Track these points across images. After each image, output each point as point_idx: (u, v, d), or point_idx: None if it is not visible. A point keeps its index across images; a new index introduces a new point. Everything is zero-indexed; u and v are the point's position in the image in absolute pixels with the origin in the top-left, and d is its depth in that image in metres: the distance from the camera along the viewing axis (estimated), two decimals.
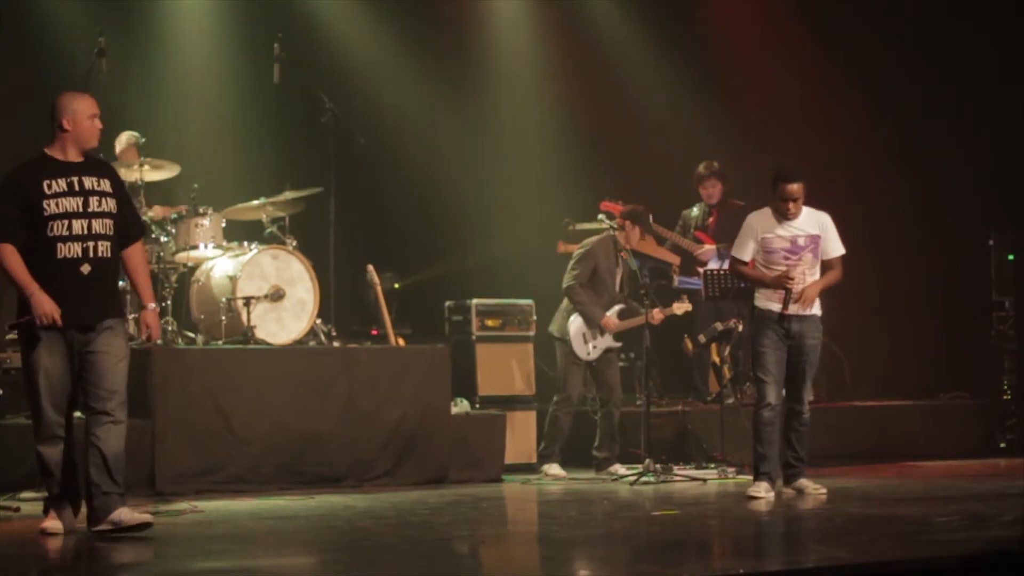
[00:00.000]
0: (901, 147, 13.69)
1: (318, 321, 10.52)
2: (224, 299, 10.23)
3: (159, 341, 9.47)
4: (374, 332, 11.54)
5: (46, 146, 7.44)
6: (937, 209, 13.58)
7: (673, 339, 11.86)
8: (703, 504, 9.05)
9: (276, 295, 10.24)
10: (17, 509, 8.35)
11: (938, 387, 13.21)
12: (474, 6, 13.52)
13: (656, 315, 10.68)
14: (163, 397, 9.44)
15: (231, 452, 9.61)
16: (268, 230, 10.84)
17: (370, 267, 11.08)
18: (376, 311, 11.12)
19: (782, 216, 9.08)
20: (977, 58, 13.31)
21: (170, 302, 10.49)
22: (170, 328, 10.28)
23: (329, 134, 10.99)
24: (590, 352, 10.83)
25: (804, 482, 9.16)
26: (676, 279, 11.97)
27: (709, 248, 11.91)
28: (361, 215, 12.22)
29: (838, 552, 6.74)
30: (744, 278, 9.44)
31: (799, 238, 9.08)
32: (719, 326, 10.98)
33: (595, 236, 11.00)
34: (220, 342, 10.18)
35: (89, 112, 7.43)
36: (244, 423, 9.66)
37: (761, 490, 8.93)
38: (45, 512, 7.48)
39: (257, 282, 10.22)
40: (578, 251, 10.95)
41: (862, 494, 9.29)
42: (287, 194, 10.72)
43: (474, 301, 11.41)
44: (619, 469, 10.55)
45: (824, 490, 9.11)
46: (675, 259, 12.06)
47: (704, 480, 10.13)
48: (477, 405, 11.07)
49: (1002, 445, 12.58)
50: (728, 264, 9.88)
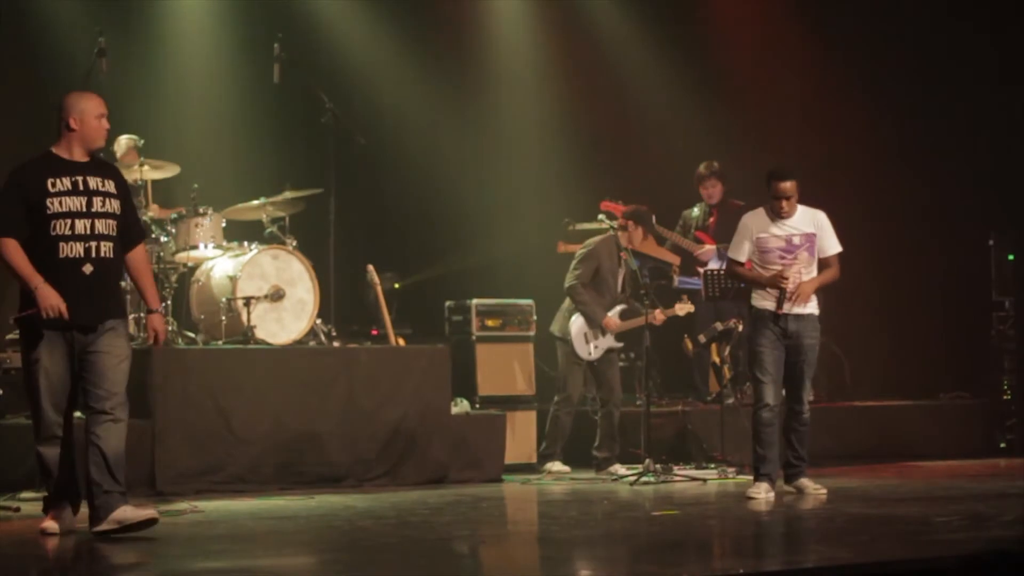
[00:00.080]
0: (901, 147, 13.69)
1: (318, 321, 10.52)
2: (224, 299, 10.23)
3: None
4: (374, 332, 11.53)
5: (52, 144, 7.42)
6: (937, 209, 13.58)
7: (673, 339, 11.87)
8: (703, 504, 9.04)
9: (276, 295, 10.24)
10: (17, 509, 8.35)
11: (938, 387, 13.20)
12: (474, 6, 13.52)
13: (658, 316, 10.68)
14: (163, 397, 9.44)
15: (231, 452, 9.61)
16: (268, 230, 10.84)
17: (370, 267, 11.08)
18: (376, 311, 11.11)
19: (776, 215, 9.07)
20: (977, 58, 13.30)
21: (170, 302, 10.48)
22: (170, 328, 10.27)
23: (329, 134, 10.99)
24: (591, 352, 10.82)
25: (805, 482, 9.16)
26: (676, 279, 11.97)
27: (709, 248, 11.90)
28: (361, 215, 12.21)
29: (838, 552, 6.74)
30: (740, 279, 9.44)
31: (794, 237, 9.07)
32: (719, 326, 10.98)
33: (598, 236, 11.00)
34: (220, 342, 10.18)
35: (97, 112, 7.40)
36: (244, 423, 9.66)
37: (761, 491, 8.92)
38: (45, 512, 7.48)
39: (257, 282, 10.22)
40: (581, 251, 10.95)
41: (862, 494, 9.28)
42: (287, 194, 10.73)
43: (474, 301, 11.41)
44: (619, 469, 10.55)
45: (824, 490, 9.10)
46: (675, 259, 12.05)
47: (704, 480, 10.13)
48: (477, 405, 11.07)
49: (1002, 445, 12.58)
50: (725, 265, 9.88)
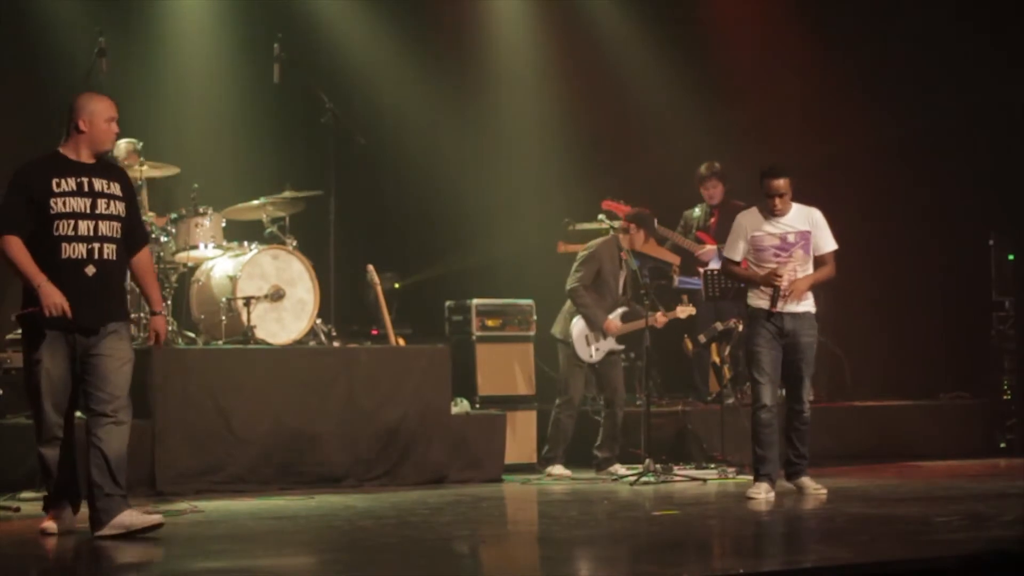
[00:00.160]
0: (901, 147, 13.68)
1: (318, 321, 10.51)
2: (224, 299, 10.23)
3: None
4: (374, 332, 11.53)
5: (60, 144, 7.42)
6: (937, 209, 13.58)
7: (673, 339, 11.87)
8: (703, 504, 9.04)
9: (276, 295, 10.24)
10: (17, 509, 8.35)
11: (938, 387, 13.20)
12: (474, 6, 13.52)
13: (659, 318, 10.69)
14: (163, 397, 9.45)
15: (231, 452, 9.61)
16: (268, 230, 10.84)
17: (370, 267, 11.08)
18: (376, 311, 11.11)
19: (770, 213, 9.06)
20: (977, 58, 13.30)
21: (170, 302, 10.48)
22: (170, 328, 10.26)
23: (329, 134, 10.99)
24: (592, 355, 10.82)
25: (805, 481, 9.15)
26: (676, 279, 11.98)
27: (710, 248, 11.90)
28: (361, 215, 12.21)
29: (838, 552, 6.73)
30: (736, 278, 9.44)
31: (789, 235, 9.06)
32: (719, 326, 10.98)
33: (599, 238, 10.99)
34: (220, 342, 10.18)
35: (107, 115, 7.38)
36: (244, 423, 9.66)
37: (761, 491, 8.91)
38: (45, 511, 7.47)
39: (257, 282, 10.22)
40: (582, 253, 10.94)
41: (862, 494, 9.28)
42: (287, 193, 10.72)
43: (474, 301, 11.41)
44: (619, 469, 10.55)
45: (824, 490, 9.10)
46: (675, 259, 12.06)
47: (704, 480, 10.13)
48: (477, 405, 11.07)
49: (1002, 445, 12.58)
50: (721, 265, 9.87)
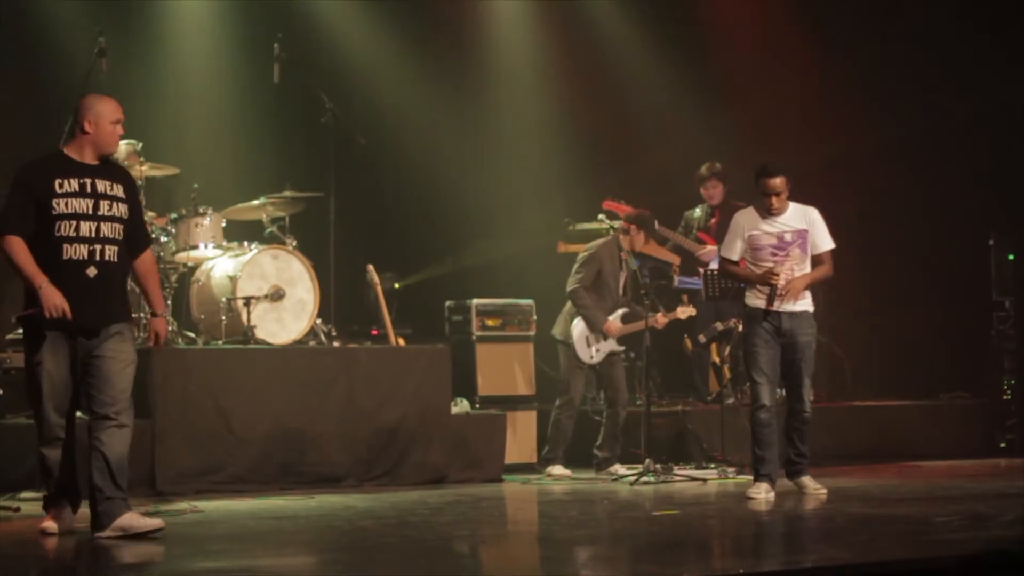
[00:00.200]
0: (901, 147, 13.68)
1: (318, 321, 10.51)
2: (224, 299, 10.23)
3: None
4: (374, 332, 11.53)
5: (63, 144, 7.40)
6: (937, 209, 13.57)
7: (673, 339, 11.87)
8: (703, 504, 9.04)
9: (276, 295, 10.24)
10: (17, 509, 8.34)
11: (938, 387, 13.20)
12: (474, 6, 13.52)
13: (660, 319, 10.69)
14: (163, 397, 9.44)
15: (231, 452, 9.61)
16: (268, 230, 10.84)
17: (370, 267, 11.08)
18: (376, 311, 11.11)
19: (766, 212, 9.06)
20: (977, 58, 13.30)
21: (170, 302, 10.47)
22: (170, 328, 10.26)
23: (329, 134, 10.99)
24: (593, 356, 10.81)
25: (806, 480, 9.15)
26: (676, 279, 11.98)
27: (711, 249, 11.89)
28: (361, 215, 12.21)
29: (838, 552, 6.73)
30: (733, 277, 9.43)
31: (786, 233, 9.05)
32: (719, 326, 10.98)
33: (599, 239, 10.98)
34: (220, 342, 10.18)
35: (113, 117, 7.37)
36: (244, 423, 9.66)
37: (761, 491, 8.91)
38: (45, 510, 7.47)
39: (257, 282, 10.22)
40: (582, 254, 10.93)
41: (862, 494, 9.28)
42: (287, 193, 10.72)
43: (474, 301, 11.41)
44: (619, 469, 10.55)
45: (824, 490, 9.10)
46: (675, 259, 12.06)
47: (704, 480, 10.13)
48: (477, 405, 11.07)
49: (1002, 445, 12.58)
50: (718, 264, 9.87)
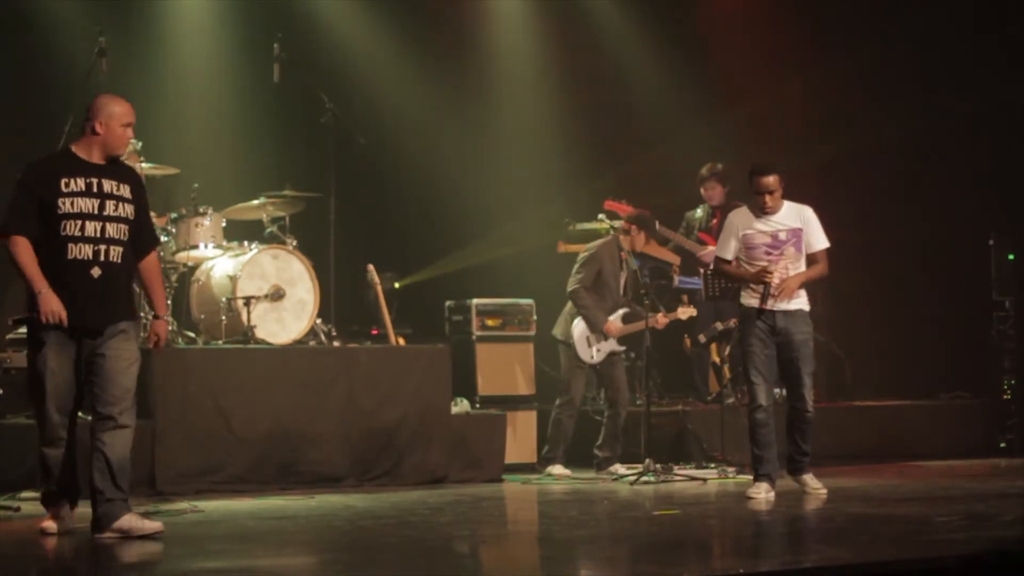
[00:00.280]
0: (901, 147, 13.69)
1: (318, 321, 10.51)
2: (224, 299, 10.23)
3: None
4: (374, 332, 11.53)
5: (72, 142, 7.40)
6: (937, 209, 13.58)
7: (673, 339, 11.87)
8: (703, 504, 9.04)
9: (276, 295, 10.24)
10: (17, 509, 8.34)
11: (938, 387, 13.21)
12: (474, 6, 13.52)
13: (660, 320, 10.69)
14: (163, 397, 9.44)
15: (231, 452, 9.61)
16: (268, 230, 10.84)
17: (370, 267, 11.08)
18: (376, 311, 11.11)
19: (760, 211, 9.04)
20: (977, 58, 13.30)
21: (170, 302, 10.46)
22: (170, 328, 10.26)
23: (329, 134, 10.99)
24: (594, 356, 10.82)
25: (807, 478, 9.14)
26: (676, 279, 11.97)
27: (712, 250, 11.87)
28: (361, 215, 12.21)
29: (838, 552, 6.73)
30: (728, 277, 9.43)
31: (780, 232, 9.03)
32: (719, 326, 10.98)
33: (600, 240, 10.98)
34: (220, 342, 10.18)
35: (125, 120, 7.37)
36: (244, 423, 9.66)
37: (761, 491, 8.91)
38: (43, 505, 7.46)
39: (257, 282, 10.22)
40: (583, 254, 10.93)
41: (862, 494, 9.27)
42: (287, 192, 10.72)
43: (474, 301, 11.41)
44: (619, 469, 10.55)
45: (824, 489, 9.09)
46: (675, 259, 12.05)
47: (704, 480, 10.13)
48: (477, 405, 11.07)
49: (1002, 445, 12.59)
50: (713, 264, 9.86)
